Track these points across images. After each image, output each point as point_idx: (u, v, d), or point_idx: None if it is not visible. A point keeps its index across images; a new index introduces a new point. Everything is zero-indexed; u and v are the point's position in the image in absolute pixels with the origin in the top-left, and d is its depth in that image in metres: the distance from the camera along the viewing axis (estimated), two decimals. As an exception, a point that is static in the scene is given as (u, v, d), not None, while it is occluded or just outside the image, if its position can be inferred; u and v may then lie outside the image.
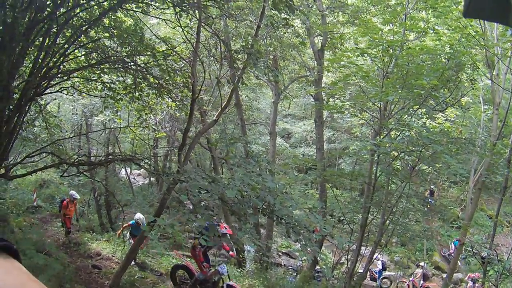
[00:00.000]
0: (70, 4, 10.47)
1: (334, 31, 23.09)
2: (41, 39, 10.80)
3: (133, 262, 16.15)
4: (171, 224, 9.17)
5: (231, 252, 16.00)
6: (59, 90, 14.66)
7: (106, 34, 12.24)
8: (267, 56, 18.81)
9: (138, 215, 17.20)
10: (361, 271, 18.73)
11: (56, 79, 12.86)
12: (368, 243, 18.85)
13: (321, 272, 21.01)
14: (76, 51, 12.98)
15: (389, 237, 18.23)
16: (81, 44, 12.49)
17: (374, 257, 18.26)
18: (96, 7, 11.45)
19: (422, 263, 26.30)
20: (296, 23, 21.39)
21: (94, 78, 14.23)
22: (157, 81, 13.48)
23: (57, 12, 10.07)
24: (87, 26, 11.37)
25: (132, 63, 13.03)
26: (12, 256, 1.10)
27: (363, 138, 29.37)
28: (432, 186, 30.87)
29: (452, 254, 26.29)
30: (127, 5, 11.83)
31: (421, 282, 23.98)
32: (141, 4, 11.96)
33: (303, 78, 28.04)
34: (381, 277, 24.30)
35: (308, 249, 10.15)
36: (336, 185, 29.12)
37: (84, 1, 11.06)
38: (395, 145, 13.68)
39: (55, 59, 11.55)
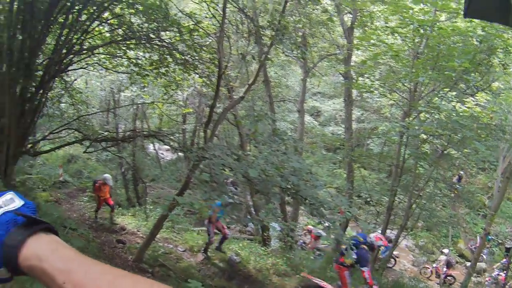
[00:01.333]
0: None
1: (364, 9, 22.77)
2: (64, 16, 10.76)
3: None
4: (191, 203, 9.12)
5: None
6: (84, 67, 14.70)
7: (131, 10, 12.13)
8: (296, 32, 18.62)
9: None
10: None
11: (81, 55, 12.86)
12: (393, 226, 18.69)
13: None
14: (100, 27, 12.96)
15: (415, 221, 18.03)
16: (105, 20, 12.47)
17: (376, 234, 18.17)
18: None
19: (446, 250, 26.04)
20: (325, 0, 21.15)
21: (120, 54, 14.20)
22: (183, 57, 13.40)
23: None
24: (110, 2, 11.31)
25: (157, 39, 12.99)
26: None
27: (392, 119, 29.06)
28: (461, 172, 30.34)
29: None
30: (150, -19, 11.77)
31: (445, 269, 23.67)
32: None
33: (333, 56, 27.83)
34: (386, 253, 23.62)
35: (332, 232, 10.05)
36: (364, 166, 28.93)
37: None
38: (424, 128, 13.47)
39: (78, 36, 11.54)
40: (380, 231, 16.93)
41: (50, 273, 1.04)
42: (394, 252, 25.40)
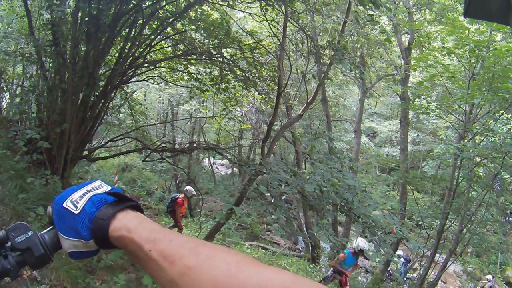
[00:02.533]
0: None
1: (421, 29, 22.75)
2: (127, 30, 11.08)
3: None
4: (247, 213, 9.26)
5: None
6: (145, 79, 15.02)
7: (193, 27, 12.39)
8: (354, 52, 18.71)
9: (361, 242, 14.03)
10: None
11: (143, 68, 13.18)
12: (443, 251, 18.49)
13: (392, 275, 20.61)
14: (162, 42, 13.25)
15: (464, 246, 17.79)
16: (168, 35, 12.75)
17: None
18: (181, 0, 11.63)
19: (489, 276, 25.51)
20: (383, 20, 21.23)
21: (181, 69, 14.48)
22: (243, 74, 13.54)
23: (143, 5, 10.31)
24: (173, 18, 11.59)
25: (218, 55, 13.20)
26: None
27: (448, 141, 28.73)
28: None
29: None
30: (212, -1, 12.02)
31: None
32: (226, -2, 12.07)
33: (390, 77, 27.79)
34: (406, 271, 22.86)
35: (382, 251, 10.08)
36: (418, 188, 28.62)
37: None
38: (478, 150, 13.37)
39: (141, 50, 11.86)
40: (429, 255, 16.84)
41: (137, 242, 1.22)
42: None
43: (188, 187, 17.86)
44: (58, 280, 6.75)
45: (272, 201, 9.69)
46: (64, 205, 1.33)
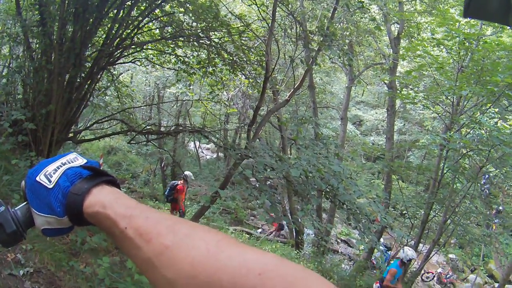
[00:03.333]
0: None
1: (411, 19, 22.80)
2: (115, 11, 11.03)
3: None
4: (233, 196, 9.22)
5: None
6: (132, 61, 14.93)
7: (181, 9, 12.32)
8: (343, 39, 18.69)
9: (409, 252, 13.14)
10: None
11: (130, 50, 13.10)
12: (426, 241, 18.58)
13: (376, 264, 20.66)
14: (150, 24, 13.19)
15: (448, 237, 17.88)
16: (156, 17, 12.69)
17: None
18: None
19: (452, 256, 25.80)
20: (374, 8, 21.23)
21: (168, 51, 14.38)
22: (231, 58, 13.46)
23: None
24: (161, 0, 11.54)
25: (206, 39, 13.13)
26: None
27: (434, 132, 28.85)
28: (500, 207, 29.38)
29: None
30: (202, -19, 11.95)
31: (449, 274, 23.79)
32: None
33: (378, 66, 27.83)
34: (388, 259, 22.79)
35: (366, 238, 10.09)
36: (403, 178, 28.72)
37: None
38: (464, 141, 13.41)
39: (129, 31, 11.81)
40: (413, 244, 16.94)
41: (113, 219, 1.16)
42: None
43: (187, 172, 17.79)
44: (42, 262, 6.73)
45: (257, 185, 9.67)
46: (37, 179, 1.27)
